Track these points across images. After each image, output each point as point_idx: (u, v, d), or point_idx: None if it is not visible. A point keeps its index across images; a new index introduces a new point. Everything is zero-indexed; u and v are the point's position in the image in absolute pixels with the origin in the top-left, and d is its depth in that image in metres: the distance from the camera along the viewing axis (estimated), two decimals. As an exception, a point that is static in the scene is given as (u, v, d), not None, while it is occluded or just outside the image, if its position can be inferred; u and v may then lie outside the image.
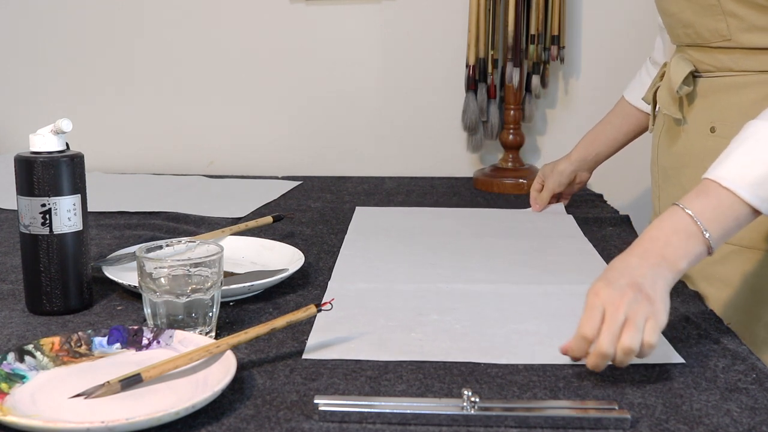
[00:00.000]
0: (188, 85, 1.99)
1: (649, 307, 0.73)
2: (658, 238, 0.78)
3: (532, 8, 1.74)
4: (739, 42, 1.00)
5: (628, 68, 1.84)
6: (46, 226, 0.89)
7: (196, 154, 2.00)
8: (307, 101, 1.96)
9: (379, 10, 1.91)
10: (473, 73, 1.78)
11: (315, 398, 0.68)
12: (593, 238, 1.26)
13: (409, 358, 0.79)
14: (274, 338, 0.84)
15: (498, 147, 1.88)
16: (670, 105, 1.12)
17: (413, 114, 1.94)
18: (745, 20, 0.98)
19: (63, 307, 0.92)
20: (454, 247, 1.21)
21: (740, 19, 0.98)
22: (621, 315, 0.72)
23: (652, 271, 0.75)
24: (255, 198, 1.58)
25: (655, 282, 0.75)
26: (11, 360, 0.73)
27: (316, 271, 1.09)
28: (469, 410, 0.66)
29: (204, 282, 0.82)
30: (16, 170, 0.89)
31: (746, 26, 0.98)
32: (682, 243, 0.77)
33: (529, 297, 0.98)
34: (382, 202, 1.58)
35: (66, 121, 0.89)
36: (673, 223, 0.78)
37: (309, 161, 1.97)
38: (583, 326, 0.73)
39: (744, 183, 0.78)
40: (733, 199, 0.78)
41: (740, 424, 0.66)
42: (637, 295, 0.73)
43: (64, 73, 2.02)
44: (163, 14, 1.97)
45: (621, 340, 0.72)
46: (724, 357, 0.80)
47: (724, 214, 0.78)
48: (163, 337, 0.79)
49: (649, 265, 0.76)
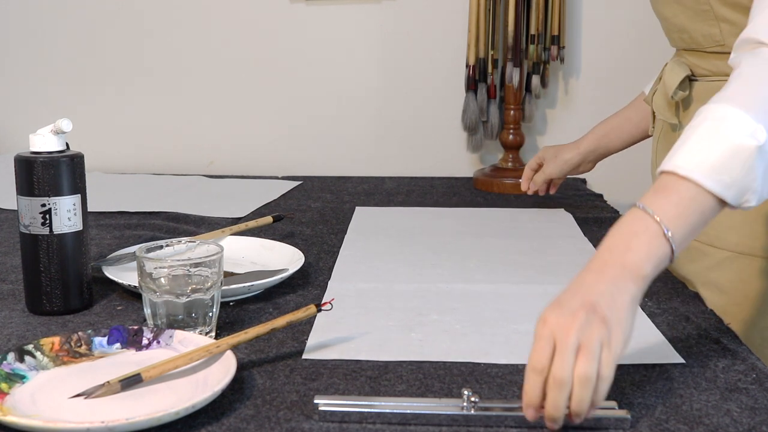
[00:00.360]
0: (188, 85, 1.99)
1: (604, 330, 0.64)
2: (616, 245, 0.69)
3: (532, 8, 1.74)
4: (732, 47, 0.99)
5: (628, 68, 1.85)
6: (46, 226, 0.89)
7: (196, 154, 2.00)
8: (307, 101, 1.96)
9: (379, 10, 1.91)
10: (473, 73, 1.78)
11: (315, 398, 0.68)
12: (593, 238, 1.26)
13: (409, 358, 0.79)
14: (274, 338, 0.84)
15: (498, 147, 1.88)
16: (665, 110, 1.10)
17: (413, 114, 1.94)
18: (737, 25, 0.96)
19: (63, 307, 0.92)
20: (454, 247, 1.21)
21: (733, 25, 0.97)
22: (572, 339, 0.63)
23: (611, 286, 0.67)
24: (255, 198, 1.58)
25: (613, 299, 0.66)
26: (11, 360, 0.73)
27: (316, 271, 1.09)
28: (469, 410, 0.66)
29: (204, 282, 0.82)
30: (16, 170, 0.89)
31: (739, 31, 0.96)
32: (643, 246, 0.68)
33: (529, 297, 0.98)
34: (382, 202, 1.58)
35: (66, 121, 0.89)
36: (631, 225, 0.70)
37: (309, 161, 1.97)
38: (532, 359, 0.64)
39: (703, 169, 0.69)
40: (695, 190, 0.69)
41: (740, 424, 0.66)
42: (590, 316, 0.64)
43: (64, 73, 2.02)
44: (163, 14, 1.97)
45: (576, 367, 0.63)
46: (724, 357, 0.80)
47: (687, 208, 0.69)
48: (163, 337, 0.79)
49: (608, 279, 0.67)
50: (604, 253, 0.70)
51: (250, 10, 1.94)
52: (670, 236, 0.68)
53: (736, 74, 0.76)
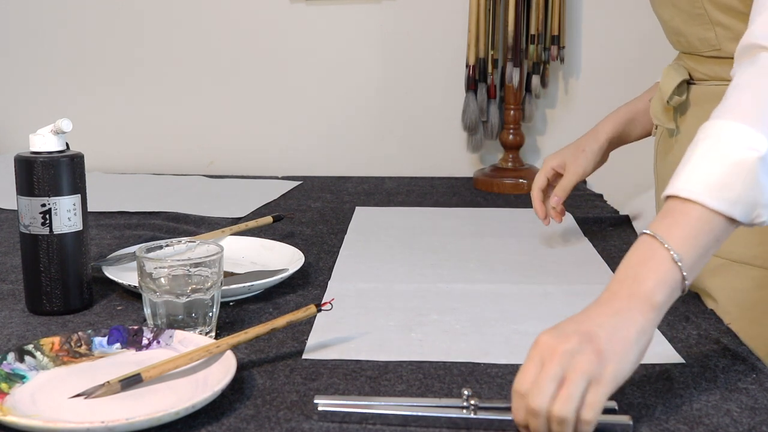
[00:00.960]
0: (188, 85, 1.99)
1: (596, 365, 0.60)
2: (626, 276, 0.66)
3: (532, 8, 1.74)
4: (728, 51, 0.96)
5: (628, 68, 1.85)
6: (46, 226, 0.89)
7: (196, 154, 2.00)
8: (307, 101, 1.97)
9: (379, 10, 1.91)
10: (473, 73, 1.78)
11: (315, 398, 0.68)
12: (593, 238, 1.26)
13: (409, 358, 0.79)
14: (274, 338, 0.84)
15: (498, 147, 1.88)
16: (661, 115, 1.09)
17: (413, 114, 1.94)
18: (732, 30, 0.95)
19: (63, 307, 0.92)
20: (454, 247, 1.21)
21: (728, 29, 0.96)
22: (555, 366, 0.60)
23: (615, 318, 0.63)
24: (255, 198, 1.58)
25: (615, 332, 0.62)
26: (11, 360, 0.73)
27: (316, 271, 1.09)
28: (469, 412, 0.66)
29: (204, 282, 0.82)
30: (16, 170, 0.90)
31: (734, 36, 0.95)
32: (652, 274, 0.65)
33: (529, 297, 0.98)
34: (382, 202, 1.58)
35: (66, 121, 0.89)
36: (639, 253, 0.67)
37: (309, 161, 1.97)
38: (517, 380, 0.62)
39: (706, 189, 0.67)
40: (700, 210, 0.67)
41: (740, 424, 0.66)
42: (583, 345, 0.61)
43: (64, 73, 2.02)
44: (163, 14, 1.97)
45: (553, 406, 0.60)
46: (724, 357, 0.80)
47: (695, 230, 0.66)
48: (163, 337, 0.79)
49: (612, 311, 0.64)
50: (613, 285, 0.67)
51: (250, 10, 1.94)
52: (679, 261, 0.65)
53: (732, 85, 0.74)
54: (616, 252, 1.19)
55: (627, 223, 1.39)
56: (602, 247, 1.21)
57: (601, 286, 1.01)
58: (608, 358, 0.61)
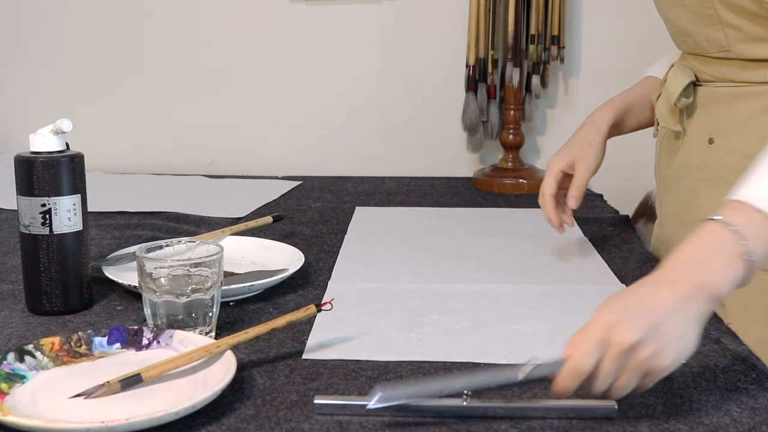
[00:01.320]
0: (188, 85, 1.99)
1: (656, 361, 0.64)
2: (695, 260, 0.67)
3: (532, 8, 1.74)
4: (738, 53, 0.97)
5: (628, 68, 1.85)
6: (46, 226, 0.89)
7: (196, 154, 2.00)
8: (307, 101, 1.96)
9: (379, 10, 1.91)
10: (473, 73, 1.78)
11: (315, 398, 0.68)
12: (593, 238, 1.26)
13: (409, 358, 0.79)
14: (274, 338, 0.84)
15: (498, 147, 1.88)
16: (668, 117, 1.08)
17: (413, 114, 1.94)
18: (743, 31, 0.95)
19: (63, 307, 0.92)
20: (454, 247, 1.21)
21: (738, 30, 0.95)
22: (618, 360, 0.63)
23: (680, 307, 0.65)
24: (255, 198, 1.58)
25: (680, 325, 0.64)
26: (11, 360, 0.73)
27: (316, 271, 1.09)
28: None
29: (204, 282, 0.82)
30: (16, 170, 0.89)
31: (744, 37, 0.95)
32: (722, 266, 0.66)
33: (529, 297, 0.98)
34: (382, 202, 1.58)
35: (66, 121, 0.89)
36: (712, 242, 0.68)
37: (309, 161, 1.97)
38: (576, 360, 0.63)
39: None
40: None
41: (740, 424, 0.66)
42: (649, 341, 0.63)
43: (64, 73, 2.02)
44: (163, 14, 1.97)
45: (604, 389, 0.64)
46: (724, 357, 0.80)
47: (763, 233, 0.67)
48: (163, 337, 0.79)
49: (677, 297, 0.65)
50: (680, 265, 0.68)
51: (250, 10, 1.94)
52: (754, 258, 0.66)
53: None
54: (616, 252, 1.19)
55: (627, 223, 1.39)
56: (602, 247, 1.21)
57: (601, 286, 1.03)
58: (668, 353, 0.64)
